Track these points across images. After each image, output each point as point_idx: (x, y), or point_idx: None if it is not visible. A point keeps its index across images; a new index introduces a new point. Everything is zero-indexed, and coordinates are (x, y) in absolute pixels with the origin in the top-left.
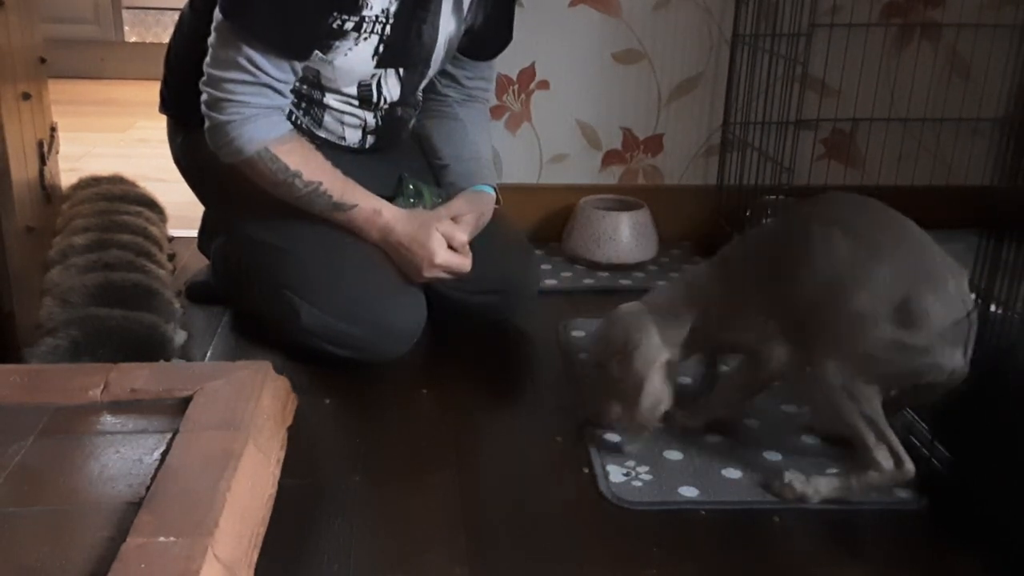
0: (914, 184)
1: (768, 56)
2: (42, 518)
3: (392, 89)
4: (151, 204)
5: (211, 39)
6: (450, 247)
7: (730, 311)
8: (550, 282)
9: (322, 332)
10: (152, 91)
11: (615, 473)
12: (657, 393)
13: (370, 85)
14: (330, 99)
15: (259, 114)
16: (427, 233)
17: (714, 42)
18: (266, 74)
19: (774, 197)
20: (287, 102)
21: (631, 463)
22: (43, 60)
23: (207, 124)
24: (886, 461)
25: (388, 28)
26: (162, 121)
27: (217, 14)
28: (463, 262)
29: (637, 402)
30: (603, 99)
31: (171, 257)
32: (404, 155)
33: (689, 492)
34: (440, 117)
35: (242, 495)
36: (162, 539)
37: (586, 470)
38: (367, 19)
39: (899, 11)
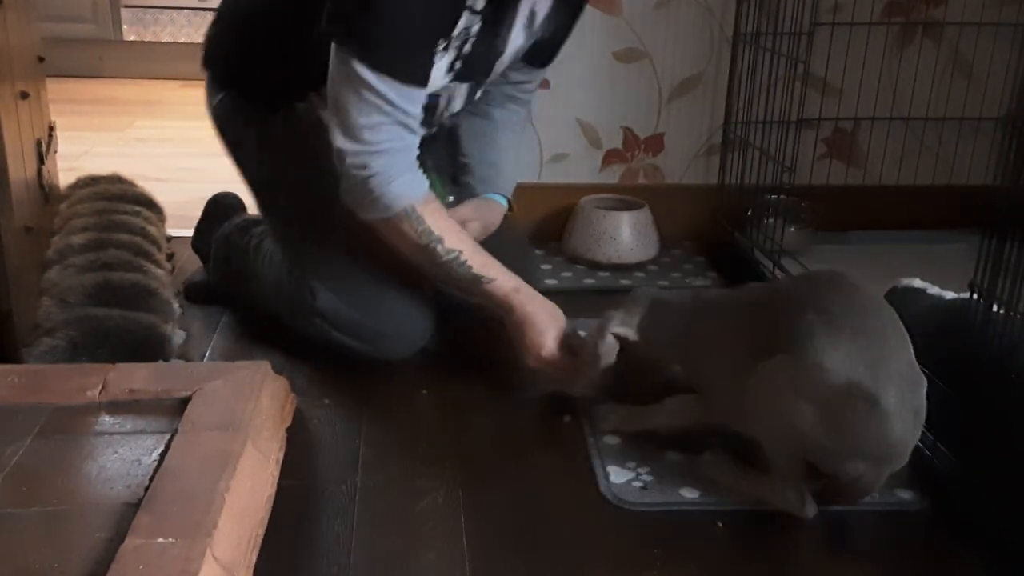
0: (916, 183)
1: (770, 55)
2: (40, 519)
3: (456, 100)
4: (149, 203)
5: (334, 88)
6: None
7: (697, 351)
8: (550, 282)
9: (334, 318)
10: (150, 90)
11: (616, 474)
12: (606, 349)
13: (439, 96)
14: None
15: (403, 169)
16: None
17: (715, 41)
18: (399, 109)
19: (776, 197)
20: (416, 141)
21: (632, 464)
22: (41, 59)
23: (346, 184)
24: (797, 501)
25: (468, 45)
26: (160, 120)
27: (340, 59)
28: (572, 370)
29: (595, 359)
30: (604, 98)
31: (170, 257)
32: (427, 145)
33: (690, 493)
34: (474, 114)
35: (241, 496)
36: (160, 540)
37: (587, 471)
38: (453, 38)
39: (901, 10)
